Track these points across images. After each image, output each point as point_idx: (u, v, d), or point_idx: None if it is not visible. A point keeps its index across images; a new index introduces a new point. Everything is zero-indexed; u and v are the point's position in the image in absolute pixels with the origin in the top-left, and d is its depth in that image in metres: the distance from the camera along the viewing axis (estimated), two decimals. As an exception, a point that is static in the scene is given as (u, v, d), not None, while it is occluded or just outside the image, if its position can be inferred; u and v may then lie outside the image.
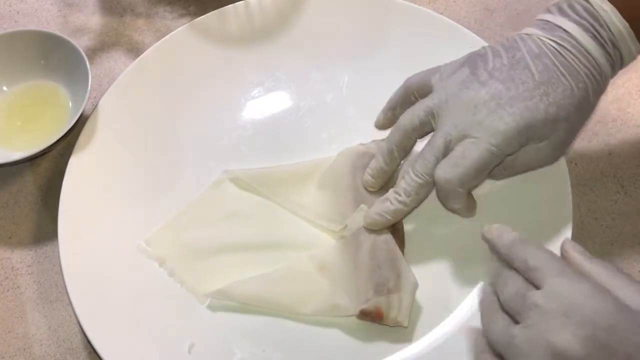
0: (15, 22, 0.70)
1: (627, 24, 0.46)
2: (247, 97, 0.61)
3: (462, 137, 0.47)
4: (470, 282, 0.51)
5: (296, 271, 0.51)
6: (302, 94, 0.61)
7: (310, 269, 0.51)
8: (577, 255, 0.40)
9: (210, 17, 0.63)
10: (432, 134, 0.49)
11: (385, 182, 0.53)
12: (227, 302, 0.51)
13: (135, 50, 0.66)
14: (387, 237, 0.50)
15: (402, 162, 0.53)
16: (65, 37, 0.60)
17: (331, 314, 0.49)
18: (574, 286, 0.36)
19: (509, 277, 0.40)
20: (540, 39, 0.47)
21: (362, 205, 0.51)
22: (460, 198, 0.48)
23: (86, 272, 0.52)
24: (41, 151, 0.56)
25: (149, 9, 0.69)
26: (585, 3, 0.47)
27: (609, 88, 0.61)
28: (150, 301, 0.51)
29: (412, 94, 0.52)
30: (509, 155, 0.47)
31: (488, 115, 0.46)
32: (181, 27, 0.63)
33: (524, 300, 0.38)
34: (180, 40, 0.62)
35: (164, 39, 0.62)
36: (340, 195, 0.53)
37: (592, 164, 0.58)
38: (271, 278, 0.51)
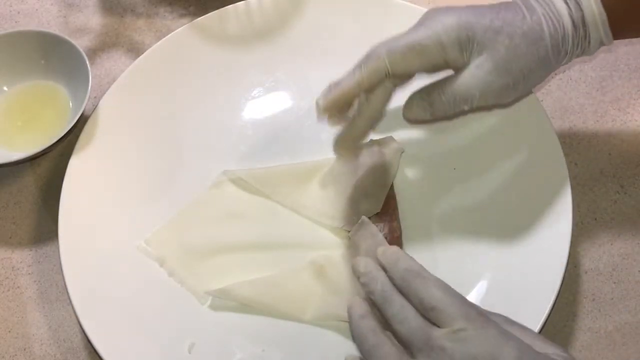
0: (16, 22, 0.70)
1: None
2: (247, 97, 0.61)
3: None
4: (470, 281, 0.51)
5: (296, 276, 0.51)
6: (302, 94, 0.61)
7: (311, 274, 0.51)
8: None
9: (210, 17, 0.63)
10: None
11: (338, 105, 0.49)
12: (227, 302, 0.51)
13: (135, 50, 0.66)
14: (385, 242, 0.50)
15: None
16: (65, 37, 0.60)
17: (330, 319, 0.49)
18: (480, 331, 0.36)
19: (405, 307, 0.38)
20: None
21: (363, 217, 0.51)
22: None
23: (86, 272, 0.52)
24: (41, 151, 0.56)
25: (149, 9, 0.69)
26: None
27: (609, 88, 0.62)
28: (150, 301, 0.51)
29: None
30: (448, 63, 0.47)
31: (437, 13, 0.47)
32: (181, 27, 0.63)
33: (427, 339, 0.37)
34: (180, 40, 0.62)
35: (164, 39, 0.62)
36: (341, 193, 0.53)
37: (592, 164, 0.58)
38: (271, 282, 0.51)
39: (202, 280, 0.52)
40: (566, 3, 0.47)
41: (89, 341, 0.49)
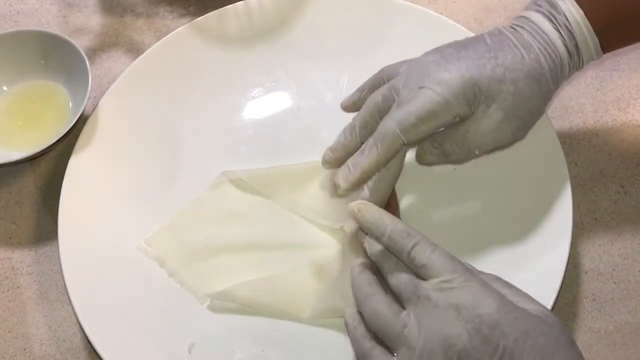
0: (16, 22, 0.70)
1: (582, 12, 0.47)
2: (247, 97, 0.61)
3: (413, 91, 0.47)
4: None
5: (295, 276, 0.51)
6: (302, 94, 0.61)
7: (310, 273, 0.51)
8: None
9: (210, 17, 0.63)
10: None
11: (343, 158, 0.50)
12: (227, 303, 0.51)
13: (135, 50, 0.66)
14: None
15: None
16: (65, 37, 0.60)
17: (329, 316, 0.49)
18: (465, 284, 0.39)
19: (399, 264, 0.42)
20: (503, 26, 0.50)
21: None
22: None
23: (86, 272, 0.52)
24: (41, 151, 0.56)
25: (149, 9, 0.69)
26: None
27: (609, 87, 0.62)
28: (150, 301, 0.51)
29: (382, 79, 0.52)
30: (458, 118, 0.47)
31: (436, 68, 0.47)
32: (181, 27, 0.63)
33: (415, 289, 0.40)
34: (180, 40, 0.62)
35: (164, 39, 0.62)
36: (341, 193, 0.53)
37: (592, 164, 0.58)
38: (271, 282, 0.51)
39: (202, 280, 0.52)
40: (558, 31, 0.47)
41: (88, 341, 0.49)
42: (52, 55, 0.61)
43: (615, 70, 0.63)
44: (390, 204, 0.53)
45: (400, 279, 0.41)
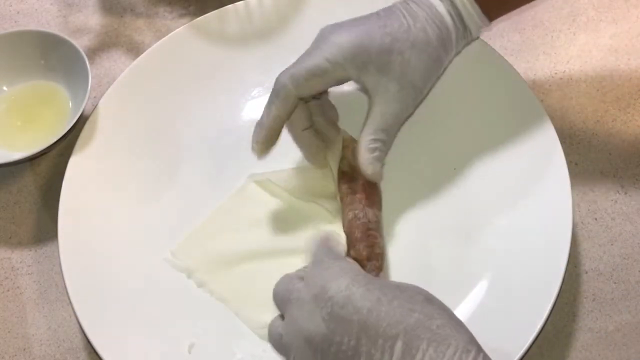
0: (15, 22, 0.70)
1: None
2: (247, 97, 0.61)
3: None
4: (470, 281, 0.51)
5: None
6: (302, 94, 0.61)
7: None
8: None
9: (210, 17, 0.63)
10: None
11: (271, 141, 0.52)
12: (227, 304, 0.51)
13: (135, 50, 0.66)
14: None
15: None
16: (65, 37, 0.60)
17: None
18: (325, 271, 0.40)
19: (284, 277, 0.44)
20: (394, 2, 0.52)
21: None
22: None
23: (86, 272, 0.52)
24: (41, 151, 0.56)
25: (149, 9, 0.69)
26: None
27: (609, 87, 0.62)
28: (150, 301, 0.51)
29: None
30: (348, 80, 0.50)
31: (331, 32, 0.51)
32: (181, 27, 0.63)
33: (289, 295, 0.42)
34: (180, 40, 0.62)
35: (164, 39, 0.62)
36: None
37: (592, 164, 0.58)
38: None
39: (232, 290, 0.51)
40: (442, 1, 0.51)
41: (88, 341, 0.49)
42: (52, 55, 0.61)
43: (615, 70, 0.63)
44: (371, 199, 0.52)
45: (278, 291, 0.44)
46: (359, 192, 0.51)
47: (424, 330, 0.37)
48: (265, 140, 0.51)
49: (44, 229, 0.58)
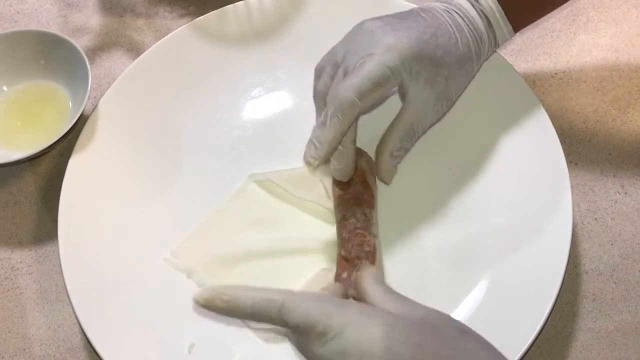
0: (15, 22, 0.70)
1: (496, 1, 0.51)
2: (247, 97, 0.61)
3: (363, 57, 0.48)
4: (470, 281, 0.51)
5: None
6: (302, 94, 0.61)
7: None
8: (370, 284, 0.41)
9: (210, 17, 0.63)
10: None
11: (327, 154, 0.49)
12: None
13: (135, 50, 0.66)
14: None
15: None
16: (65, 37, 0.60)
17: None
18: (342, 325, 0.36)
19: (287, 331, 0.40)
20: (432, 4, 0.52)
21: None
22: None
23: (86, 272, 0.52)
24: (41, 151, 0.56)
25: (149, 9, 0.69)
26: None
27: (609, 87, 0.62)
28: (150, 301, 0.51)
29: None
30: (404, 84, 0.48)
31: (384, 35, 0.48)
32: (181, 27, 0.63)
33: (306, 354, 0.38)
34: (180, 40, 0.62)
35: (164, 39, 0.62)
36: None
37: (592, 164, 0.58)
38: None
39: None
40: (479, 14, 0.51)
41: (88, 341, 0.49)
42: (52, 55, 0.61)
43: (615, 70, 0.63)
44: (360, 198, 0.52)
45: (298, 348, 0.39)
46: (348, 192, 0.51)
47: None
48: (326, 156, 0.48)
49: (44, 229, 0.58)
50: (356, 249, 0.48)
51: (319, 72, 0.53)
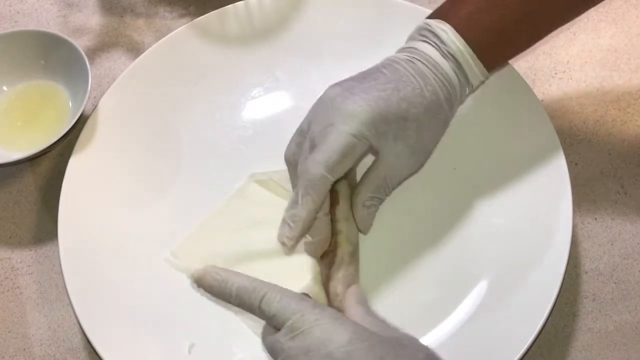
0: (15, 22, 0.70)
1: (463, 41, 0.48)
2: (247, 97, 0.61)
3: (326, 128, 0.47)
4: (470, 281, 0.51)
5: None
6: (302, 94, 0.61)
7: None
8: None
9: (210, 17, 0.63)
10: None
11: (303, 233, 0.48)
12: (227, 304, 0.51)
13: (135, 50, 0.66)
14: None
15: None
16: (65, 37, 0.60)
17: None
18: (314, 323, 0.38)
19: (266, 326, 0.42)
20: (395, 55, 0.50)
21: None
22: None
23: (86, 272, 0.52)
24: (41, 151, 0.56)
25: (149, 9, 0.69)
26: (427, 26, 0.50)
27: (609, 87, 0.62)
28: (150, 301, 0.51)
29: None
30: (371, 147, 0.48)
31: (343, 102, 0.47)
32: (181, 27, 0.63)
33: (273, 345, 0.40)
34: (180, 40, 0.62)
35: (164, 39, 0.62)
36: None
37: (592, 164, 0.58)
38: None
39: None
40: (446, 59, 0.49)
41: (88, 341, 0.49)
42: (52, 55, 0.61)
43: (615, 70, 0.63)
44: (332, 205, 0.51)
45: (265, 341, 0.41)
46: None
47: None
48: (301, 235, 0.47)
49: (44, 229, 0.58)
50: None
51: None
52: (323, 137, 0.47)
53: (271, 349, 0.40)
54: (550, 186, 0.53)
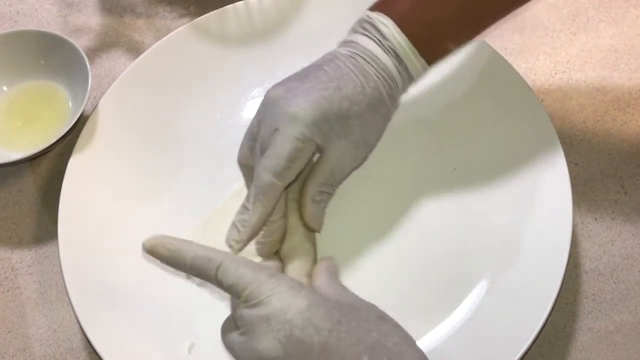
0: (15, 22, 0.70)
1: (405, 36, 0.48)
2: (247, 97, 0.61)
3: (273, 132, 0.47)
4: (470, 281, 0.51)
5: None
6: (302, 94, 0.61)
7: None
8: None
9: (210, 17, 0.63)
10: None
11: (250, 237, 0.48)
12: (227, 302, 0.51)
13: (135, 50, 0.66)
14: None
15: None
16: (65, 37, 0.60)
17: None
18: (272, 291, 0.39)
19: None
20: (336, 50, 0.50)
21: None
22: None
23: (86, 272, 0.52)
24: (41, 151, 0.56)
25: (149, 9, 0.69)
26: (368, 19, 0.50)
27: (609, 87, 0.62)
28: (151, 301, 0.51)
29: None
30: (318, 145, 0.47)
31: (286, 104, 0.47)
32: (181, 27, 0.63)
33: (234, 313, 0.40)
34: (180, 40, 0.62)
35: (164, 39, 0.62)
36: None
37: (592, 164, 0.58)
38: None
39: None
40: (387, 54, 0.48)
41: (88, 341, 0.49)
42: (52, 55, 0.61)
43: (615, 70, 0.63)
44: None
45: (231, 307, 0.41)
46: None
47: (383, 349, 0.37)
48: (249, 239, 0.47)
49: (44, 229, 0.58)
50: None
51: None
52: (271, 143, 0.47)
53: (234, 317, 0.40)
54: (550, 186, 0.53)
